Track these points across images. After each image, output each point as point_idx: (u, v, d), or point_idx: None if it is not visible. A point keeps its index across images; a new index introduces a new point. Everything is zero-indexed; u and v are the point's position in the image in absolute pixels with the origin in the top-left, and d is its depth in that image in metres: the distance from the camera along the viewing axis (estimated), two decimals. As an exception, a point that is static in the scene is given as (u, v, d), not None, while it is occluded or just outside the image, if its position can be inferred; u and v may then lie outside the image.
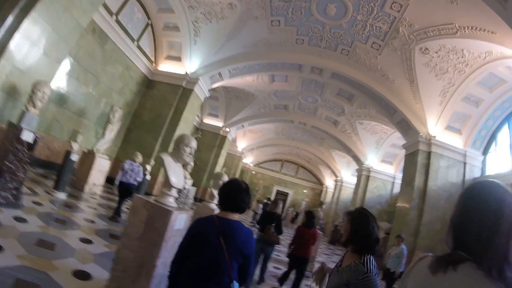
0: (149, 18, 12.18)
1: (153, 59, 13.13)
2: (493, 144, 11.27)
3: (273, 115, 18.59)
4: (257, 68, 13.13)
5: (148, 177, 10.18)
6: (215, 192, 5.45)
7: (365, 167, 17.46)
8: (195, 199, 16.36)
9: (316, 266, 6.84)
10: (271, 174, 32.32)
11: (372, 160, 17.35)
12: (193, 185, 15.91)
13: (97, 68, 10.45)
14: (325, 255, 11.12)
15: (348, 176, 23.42)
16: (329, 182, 28.85)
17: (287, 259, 5.80)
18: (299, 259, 5.41)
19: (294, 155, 29.83)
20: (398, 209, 11.61)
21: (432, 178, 10.68)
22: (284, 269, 6.43)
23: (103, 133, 9.44)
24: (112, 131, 9.56)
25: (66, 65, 9.05)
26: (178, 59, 12.91)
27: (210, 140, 18.58)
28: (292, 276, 5.53)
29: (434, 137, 11.05)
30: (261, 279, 5.60)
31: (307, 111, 17.64)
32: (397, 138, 15.63)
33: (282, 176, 32.29)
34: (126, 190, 7.09)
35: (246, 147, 24.51)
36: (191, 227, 2.10)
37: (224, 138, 18.76)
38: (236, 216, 2.08)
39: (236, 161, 24.09)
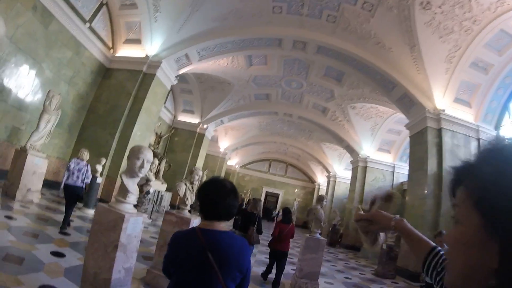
0: (103, -4, 10.23)
1: (110, 44, 11.11)
2: (506, 116, 9.72)
3: (255, 107, 16.70)
4: (230, 47, 11.25)
5: (99, 179, 8.12)
6: (189, 197, 4.65)
7: (361, 157, 15.66)
8: (172, 206, 14.34)
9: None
10: (258, 175, 30.52)
11: (368, 149, 15.58)
12: (169, 190, 13.93)
13: (40, 52, 8.53)
14: (327, 263, 9.19)
15: (341, 170, 21.70)
16: (321, 179, 27.13)
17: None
18: (279, 253, 5.82)
19: (282, 153, 28.01)
20: (409, 199, 9.79)
21: (446, 159, 8.93)
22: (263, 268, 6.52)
23: (37, 124, 7.42)
24: (49, 122, 7.56)
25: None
26: (137, 41, 10.92)
27: (186, 139, 16.58)
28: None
29: (443, 111, 9.35)
30: None
31: (292, 100, 15.81)
32: (394, 122, 13.98)
33: (270, 176, 30.51)
34: (73, 194, 6.12)
35: (229, 146, 22.57)
36: (169, 245, 1.67)
37: (201, 136, 16.77)
38: (223, 225, 1.69)
39: (219, 163, 22.16)
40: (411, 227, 1.10)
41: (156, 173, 13.05)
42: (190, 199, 4.62)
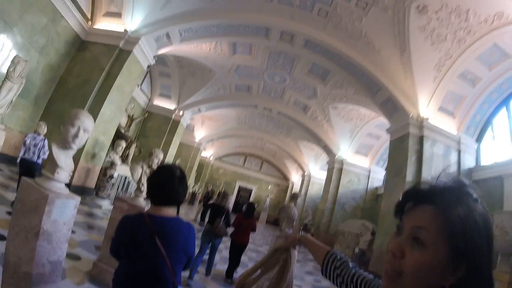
0: (82, -38, 9.37)
1: (89, 16, 10.22)
2: (488, 131, 9.73)
3: (234, 98, 16.15)
4: (214, 32, 10.65)
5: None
6: (145, 181, 4.12)
7: (337, 159, 15.50)
8: (138, 193, 13.62)
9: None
10: (233, 168, 30.02)
11: (345, 151, 15.43)
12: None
13: (13, 14, 7.68)
14: (297, 263, 8.85)
15: (317, 170, 21.61)
16: (295, 177, 27.00)
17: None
18: (237, 245, 6.00)
19: (258, 149, 27.58)
20: (385, 205, 9.62)
21: (426, 167, 8.80)
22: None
23: None
24: (10, 91, 6.76)
25: None
26: (118, 15, 10.08)
27: (160, 125, 15.81)
28: None
29: (427, 119, 9.21)
30: (208, 272, 5.74)
31: (274, 94, 15.39)
32: (374, 126, 13.87)
33: (245, 171, 30.07)
34: (28, 170, 5.66)
35: (205, 137, 21.90)
36: (117, 229, 1.69)
37: (176, 123, 16.04)
38: (171, 211, 1.73)
39: (194, 153, 21.44)
40: (312, 239, 1.38)
41: (125, 158, 12.33)
42: (145, 185, 4.10)
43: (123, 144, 9.14)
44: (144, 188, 4.02)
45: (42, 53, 8.82)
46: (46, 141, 6.15)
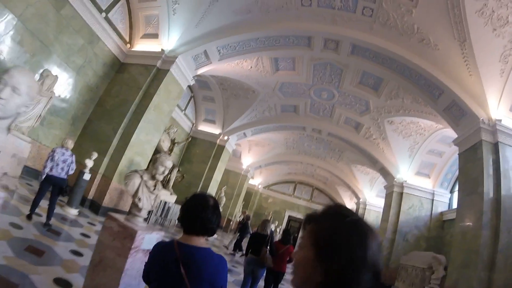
0: (122, -12, 9.68)
1: (127, 38, 10.46)
2: None
3: (281, 120, 15.40)
4: (254, 46, 10.18)
5: (87, 175, 7.06)
6: (143, 197, 3.34)
7: (396, 182, 13.75)
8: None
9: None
10: (282, 197, 28.66)
11: (404, 173, 13.68)
12: (178, 203, 12.75)
13: (49, 35, 7.96)
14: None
15: (373, 197, 19.72)
16: (349, 205, 24.96)
17: None
18: (275, 273, 5.61)
19: (309, 175, 26.16)
20: (458, 231, 7.94)
21: (506, 180, 7.16)
22: None
23: None
24: (38, 104, 6.76)
25: (7, 24, 6.87)
26: (155, 36, 10.20)
27: (205, 151, 15.49)
28: None
29: (500, 121, 7.64)
30: None
31: (322, 113, 14.39)
32: (436, 141, 12.20)
33: (295, 200, 28.54)
34: (56, 187, 5.55)
35: (252, 164, 21.24)
36: (149, 253, 1.79)
37: (221, 148, 15.62)
38: (202, 241, 1.74)
39: (241, 181, 20.83)
40: None
41: (166, 182, 11.99)
42: (147, 200, 3.27)
43: (169, 165, 8.69)
44: (142, 204, 3.26)
45: (79, 73, 8.96)
46: (74, 157, 5.96)
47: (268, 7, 9.02)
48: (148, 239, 2.91)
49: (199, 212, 1.70)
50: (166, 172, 3.52)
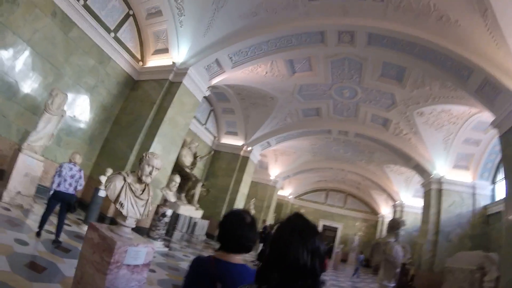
0: (130, 8, 9.76)
1: (139, 56, 10.51)
2: None
3: (304, 125, 14.89)
4: (266, 49, 9.87)
5: (102, 192, 6.86)
6: (126, 202, 2.92)
7: (433, 178, 12.72)
8: (208, 235, 12.77)
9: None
10: (315, 206, 27.72)
11: (441, 167, 12.64)
12: (205, 218, 12.45)
13: (58, 57, 8.09)
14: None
15: (409, 198, 18.54)
16: (385, 210, 23.62)
17: None
18: None
19: (339, 181, 25.15)
20: (509, 226, 7.04)
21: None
22: None
23: (36, 124, 6.63)
24: (49, 123, 6.67)
25: (17, 49, 7.04)
26: (165, 51, 10.16)
27: (229, 163, 15.22)
28: None
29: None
30: None
31: (346, 113, 13.75)
32: (470, 129, 11.18)
33: (327, 208, 27.53)
34: (64, 203, 5.35)
35: (280, 174, 20.71)
36: (189, 268, 1.78)
37: (246, 159, 15.28)
38: (238, 257, 1.74)
39: (270, 192, 20.30)
40: None
41: (191, 198, 11.74)
42: (133, 206, 2.89)
43: (177, 179, 8.41)
44: (125, 210, 2.87)
45: (93, 93, 9.01)
46: (82, 173, 5.76)
47: (275, 7, 8.71)
48: (133, 252, 2.51)
49: (234, 230, 1.70)
50: (155, 173, 3.15)
